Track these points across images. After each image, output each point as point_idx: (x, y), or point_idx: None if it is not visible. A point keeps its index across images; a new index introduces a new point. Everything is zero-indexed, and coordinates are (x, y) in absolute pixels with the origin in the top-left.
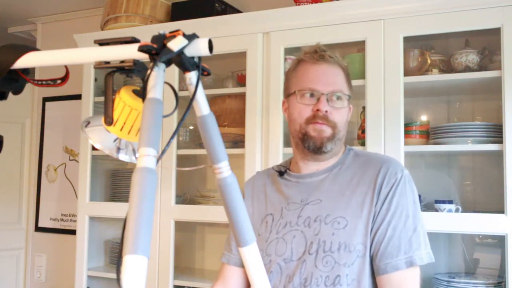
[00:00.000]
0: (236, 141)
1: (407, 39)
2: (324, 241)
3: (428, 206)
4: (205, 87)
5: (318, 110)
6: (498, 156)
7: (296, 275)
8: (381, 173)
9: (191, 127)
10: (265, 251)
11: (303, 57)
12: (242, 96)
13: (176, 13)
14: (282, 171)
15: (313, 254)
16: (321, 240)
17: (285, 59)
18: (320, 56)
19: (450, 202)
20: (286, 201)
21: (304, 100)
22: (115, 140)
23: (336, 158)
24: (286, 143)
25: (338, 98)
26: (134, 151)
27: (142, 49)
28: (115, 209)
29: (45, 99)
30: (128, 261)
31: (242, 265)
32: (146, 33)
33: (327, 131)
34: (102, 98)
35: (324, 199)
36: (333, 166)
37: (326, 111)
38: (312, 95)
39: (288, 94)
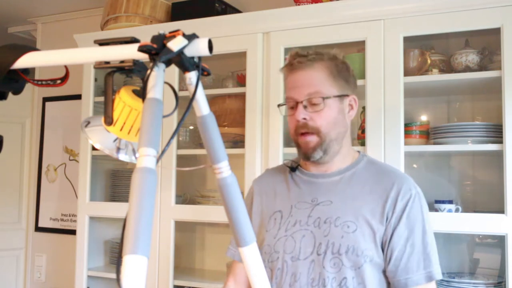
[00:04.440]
0: (236, 141)
1: (407, 39)
2: (333, 243)
3: (428, 206)
4: (205, 87)
5: (297, 120)
6: (498, 156)
7: (303, 275)
8: (395, 187)
9: (191, 127)
10: (273, 247)
11: (283, 71)
12: (242, 96)
13: (176, 13)
14: (294, 167)
15: (321, 255)
16: (330, 242)
17: (285, 59)
18: (292, 65)
19: (450, 202)
20: (296, 199)
21: (289, 111)
22: (115, 140)
23: (348, 160)
24: (286, 143)
25: (315, 102)
26: (134, 151)
27: (142, 49)
28: (115, 209)
29: (45, 99)
30: (128, 261)
31: None
32: (146, 33)
33: (312, 140)
34: (102, 98)
35: (335, 201)
36: (346, 169)
37: (305, 119)
38: (293, 105)
39: None
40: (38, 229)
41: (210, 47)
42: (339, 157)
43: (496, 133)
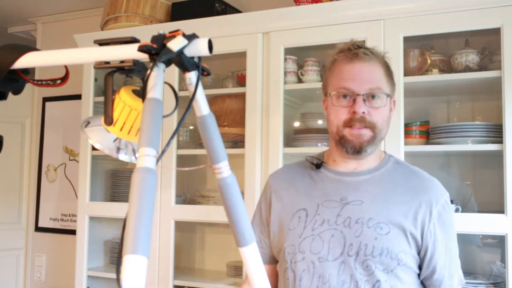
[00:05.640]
0: (236, 141)
1: (407, 39)
2: (366, 244)
3: None
4: (205, 87)
5: (354, 112)
6: (498, 156)
7: (332, 276)
8: (428, 191)
9: (191, 127)
10: (297, 247)
11: (337, 57)
12: (242, 96)
13: (176, 13)
14: (318, 164)
15: (352, 256)
16: (363, 243)
17: (285, 59)
18: (354, 54)
19: (451, 202)
20: (322, 197)
21: (340, 102)
22: (115, 140)
23: (377, 160)
24: (286, 143)
25: (376, 96)
26: (134, 151)
27: (142, 49)
28: (115, 209)
29: (45, 99)
30: (128, 261)
31: (267, 262)
32: (146, 33)
33: (366, 134)
34: (102, 98)
35: (365, 201)
36: (375, 168)
37: (363, 113)
38: (347, 96)
39: (325, 93)
40: (38, 229)
41: (210, 47)
42: (371, 156)
43: (496, 133)
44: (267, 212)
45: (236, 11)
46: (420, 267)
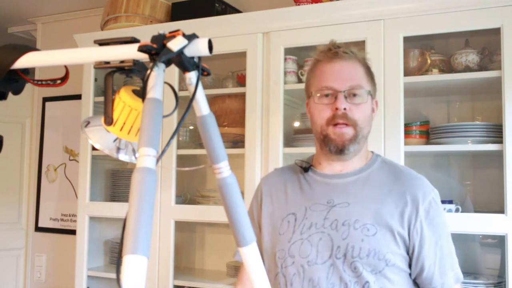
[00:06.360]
0: (236, 141)
1: (407, 39)
2: (353, 246)
3: None
4: (205, 87)
5: (336, 109)
6: (498, 156)
7: (322, 279)
8: (414, 190)
9: (191, 127)
10: (287, 252)
11: (318, 57)
12: (242, 96)
13: (176, 13)
14: (306, 167)
15: (340, 259)
16: (350, 245)
17: (285, 59)
18: (334, 54)
19: (450, 202)
20: (310, 201)
21: (322, 100)
22: (115, 140)
23: (363, 161)
24: (286, 143)
25: (357, 94)
26: (134, 151)
27: (142, 49)
28: (115, 209)
29: (45, 99)
30: (128, 261)
31: None
32: (146, 33)
33: (349, 132)
34: (102, 98)
35: (352, 202)
36: (361, 169)
37: (345, 109)
38: (329, 94)
39: (308, 95)
40: (38, 229)
41: (210, 47)
42: (357, 157)
43: (496, 133)
44: (258, 215)
45: (236, 11)
46: (410, 266)
